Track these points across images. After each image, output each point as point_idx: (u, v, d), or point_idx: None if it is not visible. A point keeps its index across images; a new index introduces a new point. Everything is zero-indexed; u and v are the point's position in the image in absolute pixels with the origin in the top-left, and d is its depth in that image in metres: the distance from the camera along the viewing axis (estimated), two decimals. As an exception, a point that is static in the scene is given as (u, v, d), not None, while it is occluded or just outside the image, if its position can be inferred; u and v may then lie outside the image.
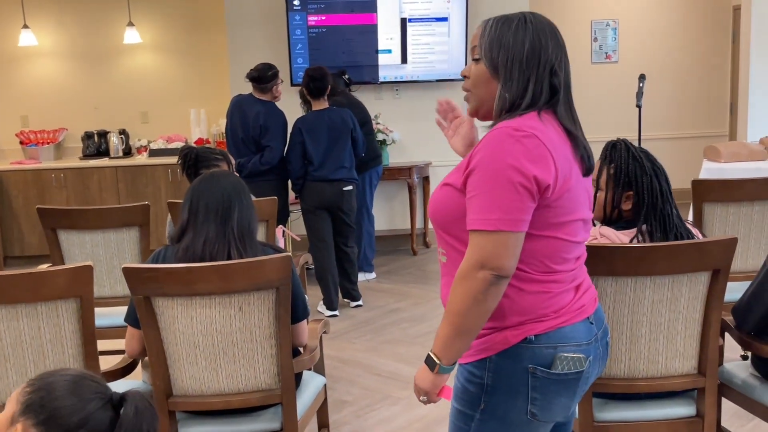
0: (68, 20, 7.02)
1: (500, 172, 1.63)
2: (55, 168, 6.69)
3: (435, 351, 1.72)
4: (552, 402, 1.75)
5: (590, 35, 8.09)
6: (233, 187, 2.43)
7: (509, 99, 1.73)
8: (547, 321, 1.73)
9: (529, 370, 1.72)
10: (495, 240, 1.64)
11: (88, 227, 3.49)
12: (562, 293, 1.76)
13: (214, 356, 2.38)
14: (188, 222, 2.42)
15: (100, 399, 1.32)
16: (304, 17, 6.37)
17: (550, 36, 1.76)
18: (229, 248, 2.36)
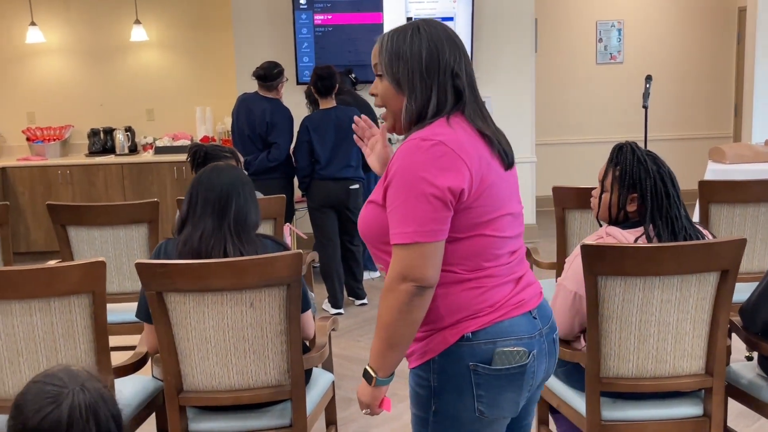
0: (75, 17, 7.04)
1: (412, 184, 1.65)
2: (62, 165, 6.70)
3: (371, 364, 1.75)
4: (498, 398, 1.76)
5: (595, 36, 8.10)
6: (232, 181, 2.44)
7: (416, 109, 1.74)
8: (483, 316, 1.73)
9: (471, 368, 1.73)
10: (413, 252, 1.65)
11: (98, 223, 3.51)
12: (497, 287, 1.76)
13: (225, 352, 2.40)
14: (188, 214, 2.45)
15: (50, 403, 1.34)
16: (310, 16, 6.38)
17: (446, 40, 1.76)
18: (225, 243, 2.38)
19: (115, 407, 1.38)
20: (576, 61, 8.09)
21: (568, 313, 2.51)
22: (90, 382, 1.37)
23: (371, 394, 1.76)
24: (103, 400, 1.36)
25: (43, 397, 1.34)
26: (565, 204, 3.53)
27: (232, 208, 2.39)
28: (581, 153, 8.08)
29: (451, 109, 1.74)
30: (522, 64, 6.64)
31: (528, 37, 6.63)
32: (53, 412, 1.32)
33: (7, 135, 7.20)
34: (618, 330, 2.40)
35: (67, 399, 1.33)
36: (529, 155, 6.72)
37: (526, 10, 6.57)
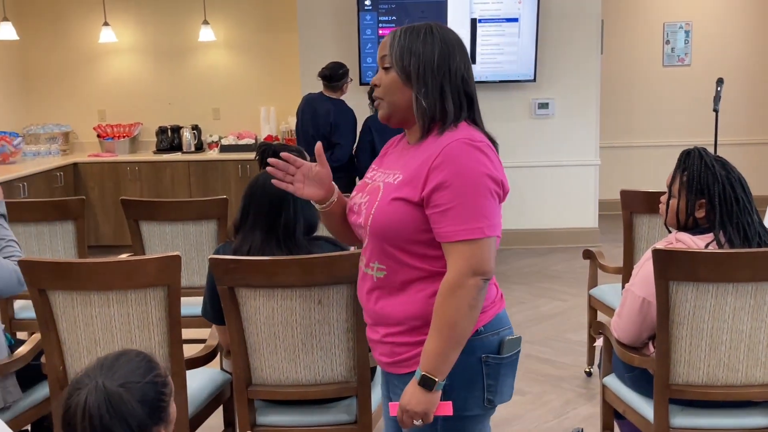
0: (146, 18, 7.23)
1: (477, 182, 1.70)
2: (130, 161, 6.89)
3: (428, 370, 1.71)
4: (503, 385, 1.83)
5: (662, 38, 7.95)
6: (281, 192, 2.44)
7: (428, 106, 1.78)
8: (488, 310, 1.81)
9: (482, 360, 1.79)
10: (482, 246, 1.70)
11: (168, 219, 3.60)
12: (491, 284, 1.83)
13: (293, 347, 2.44)
14: (240, 224, 2.51)
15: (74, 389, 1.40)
16: (375, 17, 6.43)
17: (457, 45, 1.82)
18: (272, 255, 2.42)
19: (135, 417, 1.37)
20: (642, 63, 7.95)
21: (636, 319, 2.48)
22: (115, 379, 1.38)
23: (430, 401, 1.72)
24: (113, 403, 1.36)
25: (74, 381, 1.41)
26: (632, 208, 3.49)
27: (281, 220, 2.43)
28: (647, 157, 7.95)
29: (467, 114, 1.82)
30: (587, 66, 6.56)
31: (594, 39, 6.54)
32: (75, 398, 1.38)
33: (79, 132, 7.43)
34: (689, 336, 2.36)
35: (81, 391, 1.38)
36: (593, 158, 6.64)
37: (593, 11, 6.49)
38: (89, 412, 1.34)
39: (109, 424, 1.34)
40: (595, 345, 3.19)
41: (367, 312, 1.89)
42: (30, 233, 3.63)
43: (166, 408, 1.45)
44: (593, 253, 3.86)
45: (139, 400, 1.39)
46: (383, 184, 1.82)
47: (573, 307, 5.08)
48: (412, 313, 1.78)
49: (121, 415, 1.35)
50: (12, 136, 6.72)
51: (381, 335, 1.85)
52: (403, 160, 1.84)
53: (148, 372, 1.43)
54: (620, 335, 2.55)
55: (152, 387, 1.42)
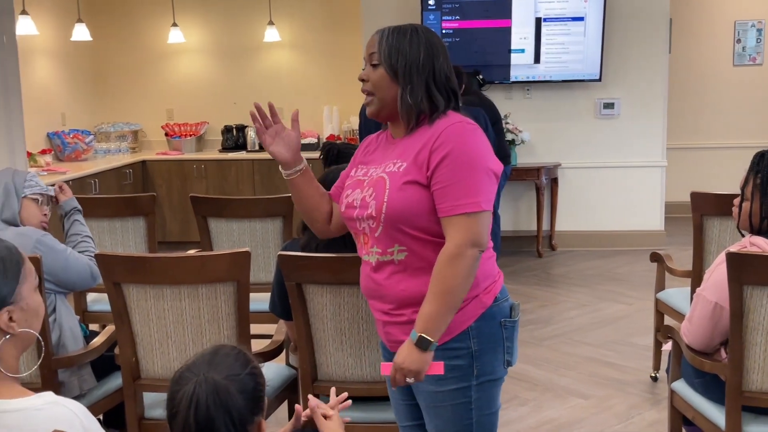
0: (213, 19, 7.38)
1: (475, 160, 1.86)
2: (197, 159, 7.04)
3: (424, 331, 1.84)
4: (515, 346, 2.03)
5: (733, 36, 7.74)
6: None
7: (413, 102, 1.91)
8: (498, 280, 2.01)
9: (501, 324, 1.97)
10: (480, 219, 1.86)
11: (236, 216, 3.67)
12: (491, 257, 2.01)
13: (358, 344, 2.46)
14: None
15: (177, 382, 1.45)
16: (438, 17, 6.42)
17: (440, 47, 1.97)
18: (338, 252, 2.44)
19: (237, 409, 1.41)
20: (712, 63, 7.75)
21: (708, 325, 2.43)
22: (219, 372, 1.42)
23: (424, 360, 1.86)
24: (220, 394, 1.40)
25: (179, 374, 1.45)
26: (703, 210, 3.41)
27: None
28: (716, 158, 7.75)
29: (454, 105, 1.96)
30: (654, 65, 6.44)
31: (662, 38, 6.41)
32: (183, 390, 1.42)
33: (148, 130, 7.62)
34: (763, 342, 2.30)
35: (189, 384, 1.42)
36: (659, 159, 6.51)
37: (662, 9, 6.36)
38: (196, 403, 1.39)
39: (213, 415, 1.39)
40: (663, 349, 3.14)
41: (388, 297, 1.97)
42: (103, 228, 3.74)
43: (263, 398, 1.50)
44: (661, 256, 3.78)
45: (240, 391, 1.43)
46: (386, 174, 1.93)
47: (638, 311, 4.99)
48: None
49: (225, 406, 1.40)
50: (84, 134, 6.94)
51: (408, 316, 1.94)
52: (397, 151, 1.96)
53: (246, 365, 1.48)
54: (691, 340, 2.49)
55: (251, 379, 1.47)
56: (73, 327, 2.74)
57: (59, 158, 6.71)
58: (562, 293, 5.51)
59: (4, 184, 2.75)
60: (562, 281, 5.84)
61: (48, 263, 2.62)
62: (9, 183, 2.76)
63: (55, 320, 2.70)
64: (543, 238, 6.65)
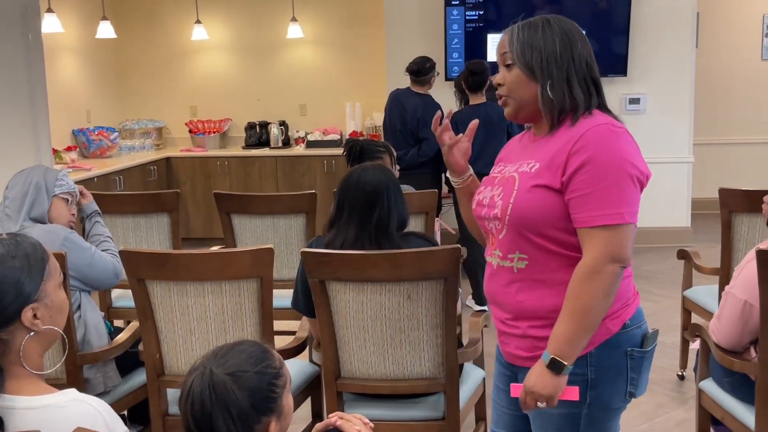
0: (236, 16, 7.39)
1: (619, 167, 1.70)
2: (220, 156, 7.07)
3: (558, 354, 1.71)
4: (642, 378, 1.85)
5: (761, 30, 7.61)
6: (377, 188, 2.47)
7: (555, 98, 1.78)
8: (631, 304, 1.83)
9: (628, 353, 1.80)
10: (621, 232, 1.70)
11: (259, 212, 3.67)
12: (629, 277, 1.83)
13: (382, 341, 2.45)
14: (335, 218, 2.53)
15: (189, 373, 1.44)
16: (462, 12, 6.38)
17: (576, 33, 1.83)
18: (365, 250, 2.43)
19: (238, 406, 1.38)
20: (740, 57, 7.63)
21: (737, 323, 2.39)
22: (226, 368, 1.40)
23: (557, 385, 1.73)
24: (216, 390, 1.38)
25: (193, 365, 1.45)
26: (731, 207, 3.35)
27: (375, 215, 2.44)
28: (744, 154, 7.64)
29: (597, 101, 1.82)
30: (681, 60, 6.35)
31: (689, 32, 6.32)
32: (186, 382, 1.41)
33: (172, 127, 7.67)
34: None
35: (192, 375, 1.41)
36: (686, 155, 6.42)
37: (689, 3, 6.27)
38: (192, 397, 1.38)
39: (210, 411, 1.37)
40: (691, 348, 3.09)
41: (505, 306, 1.86)
42: (127, 225, 3.77)
43: (276, 399, 1.45)
44: (688, 253, 3.73)
45: (246, 389, 1.40)
46: (518, 174, 1.82)
47: (665, 309, 4.93)
48: (558, 305, 1.75)
49: (223, 402, 1.37)
50: (109, 131, 6.99)
51: (523, 330, 1.83)
52: (535, 151, 1.83)
53: (259, 362, 1.44)
54: (720, 339, 2.45)
55: (262, 377, 1.43)
56: (98, 324, 2.76)
57: (84, 155, 6.77)
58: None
59: (35, 181, 2.76)
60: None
61: (74, 260, 2.63)
62: (41, 181, 2.77)
63: (80, 317, 2.72)
64: (567, 234, 6.57)
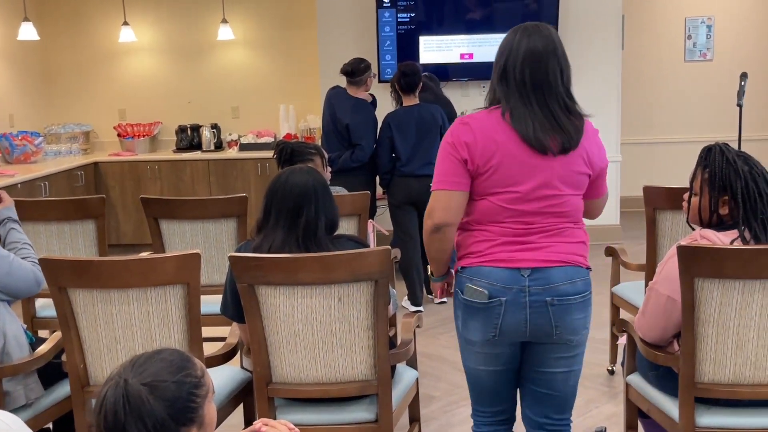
0: (165, 17, 7.25)
1: (442, 147, 2.28)
2: (150, 160, 6.92)
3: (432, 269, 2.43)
4: (467, 322, 2.28)
5: (684, 33, 7.86)
6: (304, 191, 2.45)
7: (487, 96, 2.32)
8: (473, 258, 2.26)
9: (457, 291, 2.30)
10: (433, 197, 2.30)
11: (188, 217, 3.60)
12: (489, 241, 2.24)
13: (313, 345, 2.43)
14: (262, 222, 2.50)
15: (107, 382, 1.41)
16: (393, 14, 6.40)
17: (518, 48, 2.23)
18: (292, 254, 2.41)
19: (154, 417, 1.35)
20: (664, 59, 7.86)
21: (660, 318, 2.45)
22: (143, 377, 1.37)
23: (435, 286, 2.48)
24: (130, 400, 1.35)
25: (109, 376, 1.41)
26: (656, 204, 3.44)
27: (303, 219, 2.42)
28: (669, 153, 7.86)
29: (497, 105, 2.24)
30: (608, 62, 6.50)
31: (615, 35, 6.48)
32: (100, 393, 1.38)
33: (100, 131, 7.47)
34: (714, 334, 2.32)
35: (106, 386, 1.37)
36: (614, 154, 6.57)
37: (614, 6, 6.43)
38: (105, 409, 1.34)
39: (123, 423, 1.33)
40: (619, 343, 3.16)
41: None
42: (51, 232, 3.65)
43: (197, 409, 1.42)
44: (616, 250, 3.81)
45: (164, 399, 1.37)
46: None
47: (595, 305, 4.95)
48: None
49: (137, 413, 1.33)
50: (33, 135, 6.76)
51: None
52: None
53: (179, 371, 1.41)
54: (644, 333, 2.51)
55: (181, 387, 1.39)
56: (18, 334, 2.66)
57: (7, 161, 6.53)
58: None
59: None
60: (520, 277, 5.85)
61: (-10, 269, 2.53)
62: None
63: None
64: (501, 234, 6.66)
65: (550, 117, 2.20)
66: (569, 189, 2.24)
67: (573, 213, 2.29)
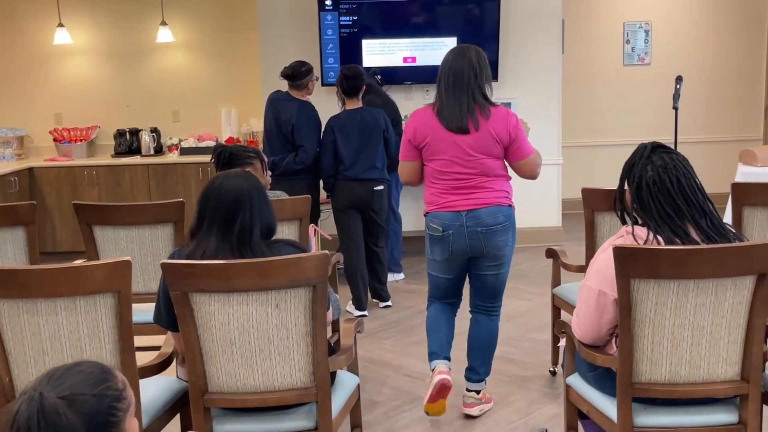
0: (102, 19, 7.09)
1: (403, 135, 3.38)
2: (88, 165, 6.74)
3: None
4: (432, 247, 3.37)
5: (622, 37, 8.00)
6: (238, 196, 2.39)
7: None
8: (431, 205, 3.33)
9: (425, 227, 3.37)
10: (398, 166, 3.46)
11: (123, 223, 3.50)
12: (438, 193, 3.31)
13: (250, 353, 2.37)
14: (196, 228, 2.44)
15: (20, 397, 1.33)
16: (336, 17, 6.37)
17: (448, 60, 3.31)
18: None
19: (71, 427, 1.29)
20: (603, 63, 8.00)
21: (594, 314, 2.45)
22: (59, 390, 1.31)
23: None
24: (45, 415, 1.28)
25: (21, 391, 1.33)
26: (594, 206, 3.47)
27: (237, 225, 2.37)
28: (609, 155, 7.97)
29: (435, 101, 3.32)
30: (549, 66, 6.58)
31: (555, 39, 6.56)
32: (13, 407, 1.30)
33: (35, 136, 7.26)
34: (651, 334, 2.34)
35: (20, 400, 1.30)
36: (556, 157, 6.65)
37: (554, 10, 6.51)
38: (18, 425, 1.27)
39: None
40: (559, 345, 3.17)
41: None
42: (-22, 240, 3.51)
43: (117, 424, 1.36)
44: (556, 252, 3.84)
45: (82, 413, 1.30)
46: None
47: (537, 306, 5.07)
48: None
49: (53, 428, 1.27)
50: (-36, 140, 6.54)
51: None
52: None
53: (98, 384, 1.35)
54: (580, 334, 2.52)
55: (101, 400, 1.33)
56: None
57: (-64, 167, 6.30)
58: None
59: None
60: (465, 280, 5.87)
61: None
62: None
63: None
64: (446, 237, 6.67)
65: (464, 108, 3.21)
66: (482, 155, 3.23)
67: (492, 171, 3.26)
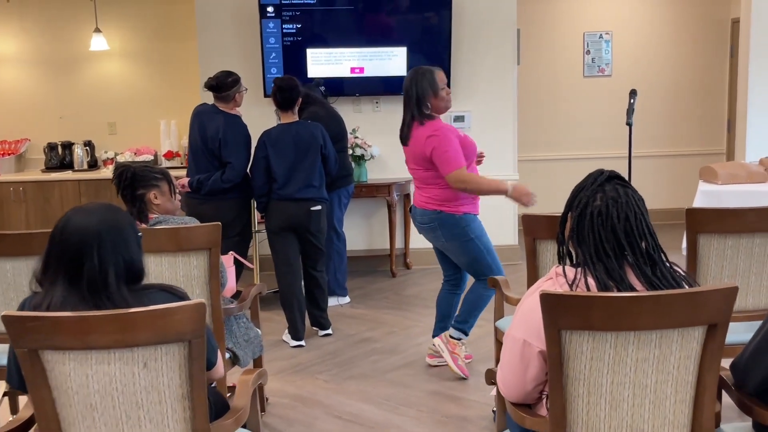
0: (31, 26, 6.67)
1: None
2: (15, 181, 6.32)
3: None
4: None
5: (583, 48, 7.76)
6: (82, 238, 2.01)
7: None
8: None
9: None
10: None
11: (12, 254, 3.11)
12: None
13: (115, 420, 2.00)
14: (41, 275, 2.07)
15: None
16: (278, 25, 6.02)
17: (415, 76, 3.90)
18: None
19: None
20: (562, 74, 7.74)
21: (518, 368, 2.11)
22: None
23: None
24: None
25: None
26: (536, 234, 3.16)
27: (85, 270, 2.00)
28: (567, 170, 7.70)
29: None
30: (503, 77, 6.29)
31: (510, 49, 6.27)
32: None
33: (-40, 149, 6.81)
34: (586, 394, 2.01)
35: None
36: (511, 172, 6.35)
37: (508, 19, 6.22)
38: None
39: None
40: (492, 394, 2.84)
41: None
42: None
43: None
44: (498, 281, 3.52)
45: None
46: None
47: (486, 335, 4.72)
48: None
49: None
50: None
51: None
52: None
53: None
54: (505, 391, 2.17)
55: None
56: None
57: None
58: (411, 317, 5.20)
59: None
60: (413, 303, 5.54)
61: None
62: None
63: None
64: (397, 256, 6.36)
65: (407, 122, 3.88)
66: (417, 165, 3.87)
67: (425, 179, 3.85)
